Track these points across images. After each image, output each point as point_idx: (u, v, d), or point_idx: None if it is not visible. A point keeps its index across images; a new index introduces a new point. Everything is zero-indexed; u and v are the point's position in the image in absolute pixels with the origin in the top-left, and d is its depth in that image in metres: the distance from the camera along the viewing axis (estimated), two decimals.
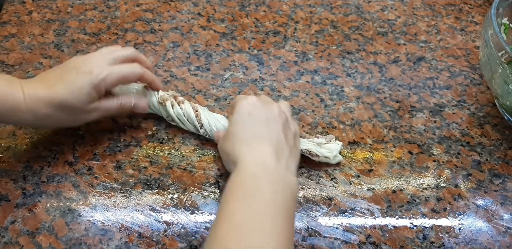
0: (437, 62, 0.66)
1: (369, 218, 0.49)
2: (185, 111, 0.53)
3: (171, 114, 0.53)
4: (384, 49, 0.67)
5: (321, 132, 0.57)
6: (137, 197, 0.50)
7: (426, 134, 0.57)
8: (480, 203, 0.51)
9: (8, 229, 0.47)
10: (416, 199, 0.51)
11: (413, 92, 0.62)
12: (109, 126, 0.56)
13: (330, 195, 0.51)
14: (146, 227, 0.48)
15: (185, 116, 0.53)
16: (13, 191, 0.50)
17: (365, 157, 0.55)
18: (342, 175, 0.53)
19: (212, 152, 0.54)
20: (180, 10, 0.71)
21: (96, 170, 0.52)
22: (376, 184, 0.52)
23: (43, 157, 0.52)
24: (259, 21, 0.70)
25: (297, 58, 0.65)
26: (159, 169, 0.52)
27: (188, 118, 0.53)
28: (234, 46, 0.66)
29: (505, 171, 0.54)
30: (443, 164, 0.55)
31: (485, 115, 0.60)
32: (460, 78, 0.64)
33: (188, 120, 0.53)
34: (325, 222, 0.49)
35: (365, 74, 0.64)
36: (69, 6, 0.70)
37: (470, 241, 0.48)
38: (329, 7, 0.73)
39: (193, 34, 0.68)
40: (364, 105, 0.60)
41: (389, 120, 0.59)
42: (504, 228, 0.49)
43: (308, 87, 0.62)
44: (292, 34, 0.69)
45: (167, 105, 0.53)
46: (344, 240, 0.48)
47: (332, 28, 0.70)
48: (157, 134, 0.55)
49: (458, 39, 0.70)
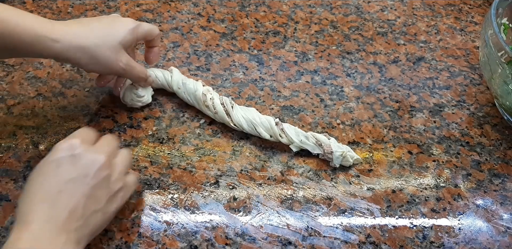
0: (436, 62, 0.66)
1: (369, 218, 0.50)
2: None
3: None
4: (384, 49, 0.68)
5: (321, 132, 0.57)
6: (137, 197, 0.50)
7: (425, 134, 0.58)
8: (480, 203, 0.51)
9: (9, 229, 0.47)
10: (415, 199, 0.51)
11: (413, 92, 0.62)
12: (109, 125, 0.56)
13: (330, 195, 0.51)
14: (146, 227, 0.48)
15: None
16: (13, 191, 0.50)
17: (365, 157, 0.55)
18: (342, 175, 0.53)
19: (212, 152, 0.54)
20: (180, 10, 0.71)
21: None
22: (376, 184, 0.52)
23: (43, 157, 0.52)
24: (259, 21, 0.70)
25: (297, 58, 0.65)
26: (159, 169, 0.52)
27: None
28: (234, 46, 0.66)
29: (505, 171, 0.54)
30: (442, 164, 0.55)
31: (484, 115, 0.60)
32: (459, 78, 0.64)
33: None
34: (325, 222, 0.49)
35: (365, 74, 0.64)
36: (69, 6, 0.70)
37: (469, 241, 0.48)
38: (329, 7, 0.73)
39: (193, 34, 0.68)
40: (364, 105, 0.60)
41: (389, 120, 0.59)
42: (504, 228, 0.49)
43: (308, 87, 0.62)
44: (292, 34, 0.69)
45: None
46: (344, 240, 0.48)
47: (332, 28, 0.70)
48: (157, 134, 0.56)
49: (457, 39, 0.70)
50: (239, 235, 0.47)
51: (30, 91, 0.59)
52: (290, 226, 0.48)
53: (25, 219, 0.38)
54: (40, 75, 0.61)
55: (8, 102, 0.58)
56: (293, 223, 0.49)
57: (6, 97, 0.58)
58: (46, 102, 0.58)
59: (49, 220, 0.38)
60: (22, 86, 0.60)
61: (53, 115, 0.57)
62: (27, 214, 0.38)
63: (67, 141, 0.42)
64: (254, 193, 0.51)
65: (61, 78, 0.61)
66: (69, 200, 0.39)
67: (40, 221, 0.37)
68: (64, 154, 0.40)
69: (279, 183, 0.52)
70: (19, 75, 0.61)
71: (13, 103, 0.58)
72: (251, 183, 0.52)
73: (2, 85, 0.60)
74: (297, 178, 0.52)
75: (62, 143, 0.42)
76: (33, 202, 0.39)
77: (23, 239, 0.37)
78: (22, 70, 0.61)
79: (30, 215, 0.38)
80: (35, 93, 0.59)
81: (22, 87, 0.59)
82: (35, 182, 0.40)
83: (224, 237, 0.47)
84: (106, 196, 0.41)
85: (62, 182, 0.39)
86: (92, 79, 0.61)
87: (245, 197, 0.50)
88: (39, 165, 0.41)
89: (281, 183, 0.52)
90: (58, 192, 0.39)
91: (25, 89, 0.59)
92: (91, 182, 0.40)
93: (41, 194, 0.39)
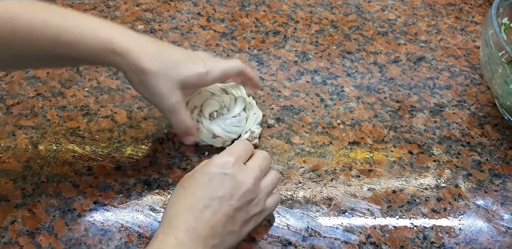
0: (437, 62, 0.66)
1: (369, 218, 0.49)
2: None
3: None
4: (384, 49, 0.67)
5: (321, 132, 0.57)
6: (137, 197, 0.50)
7: (426, 134, 0.57)
8: (481, 203, 0.51)
9: (8, 229, 0.47)
10: (416, 199, 0.51)
11: (413, 92, 0.62)
12: (109, 125, 0.56)
13: (330, 195, 0.51)
14: (146, 227, 0.47)
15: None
16: (12, 191, 0.49)
17: (365, 157, 0.55)
18: (342, 175, 0.53)
19: (212, 151, 0.54)
20: (180, 10, 0.71)
21: (96, 170, 0.52)
22: (376, 184, 0.52)
23: (43, 157, 0.52)
24: (259, 21, 0.70)
25: (297, 58, 0.65)
26: (159, 169, 0.52)
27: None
28: (234, 46, 0.66)
29: (505, 171, 0.54)
30: (443, 164, 0.55)
31: (485, 115, 0.60)
32: (460, 78, 0.64)
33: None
34: (325, 222, 0.49)
35: (365, 74, 0.64)
36: (69, 6, 0.70)
37: (470, 241, 0.48)
38: (329, 7, 0.73)
39: (193, 34, 0.67)
40: (364, 105, 0.60)
41: (389, 120, 0.59)
42: (505, 228, 0.49)
43: (308, 87, 0.62)
44: (292, 34, 0.69)
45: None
46: (344, 240, 0.48)
47: (332, 28, 0.70)
48: (157, 134, 0.55)
49: (458, 39, 0.70)
50: None
51: (30, 91, 0.59)
52: (290, 226, 0.48)
53: (172, 224, 0.40)
54: (40, 75, 0.61)
55: (8, 102, 0.58)
56: (293, 223, 0.49)
57: (5, 97, 0.58)
58: (45, 102, 0.58)
59: (193, 230, 0.39)
60: (22, 86, 0.59)
61: (52, 115, 0.56)
62: (174, 219, 0.40)
63: (224, 157, 0.43)
64: None
65: (60, 78, 0.61)
66: (212, 217, 0.40)
67: (184, 229, 0.39)
68: (217, 170, 0.42)
69: (279, 183, 0.51)
70: (18, 75, 0.60)
71: (12, 103, 0.57)
72: None
73: (1, 85, 0.59)
74: (297, 178, 0.52)
75: (219, 157, 0.43)
76: (181, 209, 0.40)
77: (168, 243, 0.38)
78: (22, 70, 0.61)
79: (176, 221, 0.40)
80: (34, 93, 0.59)
81: (22, 87, 0.59)
82: (187, 190, 0.41)
83: None
84: (243, 218, 0.42)
85: (209, 198, 0.40)
86: (91, 79, 0.61)
87: None
88: (194, 174, 0.42)
89: (281, 183, 0.52)
90: (204, 206, 0.40)
91: (25, 89, 0.59)
92: (235, 204, 0.41)
93: (189, 204, 0.40)
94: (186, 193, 0.41)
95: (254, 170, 0.43)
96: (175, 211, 0.40)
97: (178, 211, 0.40)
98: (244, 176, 0.42)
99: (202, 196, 0.41)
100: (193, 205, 0.40)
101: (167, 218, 0.40)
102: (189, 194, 0.41)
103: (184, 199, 0.41)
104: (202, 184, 0.41)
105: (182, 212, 0.40)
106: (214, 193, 0.41)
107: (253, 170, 0.43)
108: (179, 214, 0.40)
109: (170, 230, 0.39)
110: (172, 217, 0.40)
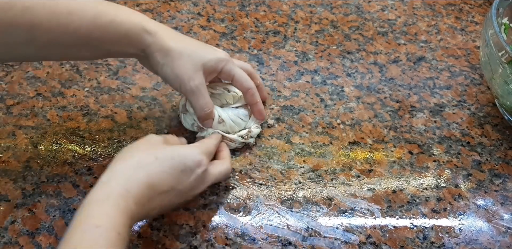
0: (437, 62, 0.66)
1: (369, 218, 0.49)
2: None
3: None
4: (384, 49, 0.67)
5: (321, 132, 0.57)
6: None
7: (426, 134, 0.57)
8: (481, 203, 0.51)
9: (8, 229, 0.47)
10: (416, 199, 0.51)
11: (413, 92, 0.62)
12: (109, 125, 0.56)
13: (330, 195, 0.51)
14: (145, 227, 0.47)
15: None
16: (13, 191, 0.49)
17: (365, 157, 0.55)
18: (342, 175, 0.53)
19: None
20: (180, 10, 0.71)
21: (96, 170, 0.51)
22: (376, 184, 0.52)
23: (43, 157, 0.52)
24: (259, 21, 0.70)
25: (297, 58, 0.65)
26: None
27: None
28: (234, 46, 0.66)
29: (506, 171, 0.54)
30: (443, 164, 0.55)
31: (485, 115, 0.60)
32: (460, 78, 0.64)
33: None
34: (325, 222, 0.49)
35: (365, 74, 0.64)
36: None
37: (470, 241, 0.48)
38: (329, 7, 0.73)
39: (193, 34, 0.67)
40: (364, 105, 0.60)
41: (389, 120, 0.59)
42: (505, 228, 0.49)
43: (308, 87, 0.62)
44: (292, 34, 0.69)
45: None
46: (344, 240, 0.48)
47: (332, 28, 0.70)
48: (156, 134, 0.55)
49: (458, 39, 0.70)
50: (239, 235, 0.47)
51: (30, 91, 0.59)
52: (290, 227, 0.48)
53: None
54: (40, 75, 0.61)
55: (8, 102, 0.58)
56: (293, 223, 0.49)
57: (5, 97, 0.58)
58: (45, 102, 0.58)
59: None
60: (22, 86, 0.59)
61: (52, 115, 0.56)
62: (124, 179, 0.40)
63: (200, 156, 0.44)
64: (254, 193, 0.51)
65: (60, 78, 0.61)
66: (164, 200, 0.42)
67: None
68: (193, 166, 0.43)
69: (279, 183, 0.51)
70: (18, 75, 0.60)
71: (12, 103, 0.58)
72: (251, 183, 0.51)
73: (1, 85, 0.59)
74: (297, 178, 0.52)
75: (197, 155, 0.44)
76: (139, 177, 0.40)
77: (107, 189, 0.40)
78: (21, 70, 0.61)
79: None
80: (34, 93, 0.59)
81: (22, 87, 0.59)
82: (158, 162, 0.42)
83: (224, 237, 0.47)
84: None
85: (171, 187, 0.42)
86: (91, 79, 0.61)
87: (245, 197, 0.50)
88: (173, 153, 0.43)
89: (281, 183, 0.52)
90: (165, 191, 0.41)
91: (25, 89, 0.59)
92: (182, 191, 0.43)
93: (152, 182, 0.41)
94: (156, 164, 0.41)
95: (212, 177, 0.46)
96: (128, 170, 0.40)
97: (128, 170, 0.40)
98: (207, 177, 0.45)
99: (168, 182, 0.41)
100: (155, 183, 0.40)
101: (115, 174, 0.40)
102: (157, 168, 0.41)
103: (151, 169, 0.41)
104: (175, 171, 0.42)
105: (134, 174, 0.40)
106: (178, 184, 0.42)
107: (212, 177, 0.46)
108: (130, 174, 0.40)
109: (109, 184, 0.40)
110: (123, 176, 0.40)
